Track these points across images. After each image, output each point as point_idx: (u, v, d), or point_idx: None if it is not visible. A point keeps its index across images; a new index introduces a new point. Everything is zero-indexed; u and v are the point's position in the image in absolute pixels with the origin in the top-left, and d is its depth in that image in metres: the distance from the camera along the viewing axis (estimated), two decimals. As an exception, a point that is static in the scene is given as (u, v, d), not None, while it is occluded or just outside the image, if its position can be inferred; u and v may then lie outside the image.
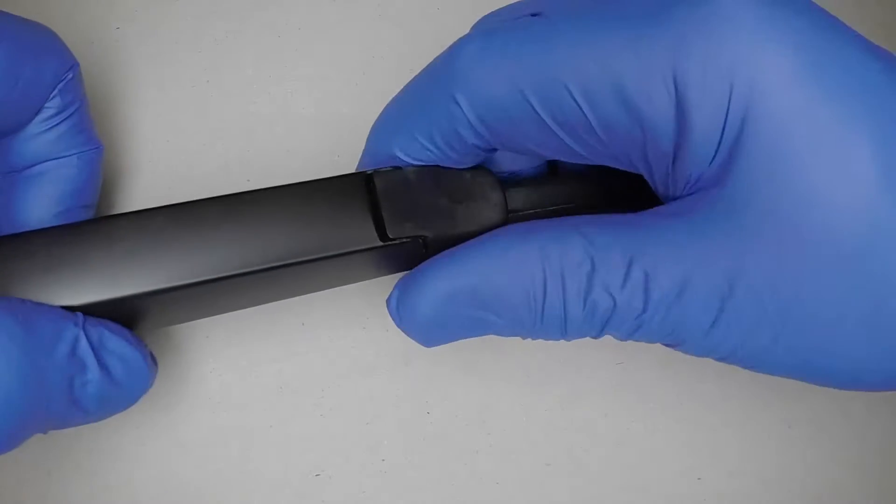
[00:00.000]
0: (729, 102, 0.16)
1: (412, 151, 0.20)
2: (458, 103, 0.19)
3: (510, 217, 0.21)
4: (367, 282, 0.26)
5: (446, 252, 0.20)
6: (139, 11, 0.28)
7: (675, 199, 0.18)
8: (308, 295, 0.25)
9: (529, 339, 0.20)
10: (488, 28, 0.19)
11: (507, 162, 0.22)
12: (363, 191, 0.20)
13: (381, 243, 0.20)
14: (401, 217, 0.20)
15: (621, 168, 0.19)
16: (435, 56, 0.20)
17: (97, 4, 0.28)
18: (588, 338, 0.19)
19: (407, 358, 0.25)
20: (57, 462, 0.24)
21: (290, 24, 0.28)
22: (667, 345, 0.19)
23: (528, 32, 0.18)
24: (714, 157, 0.17)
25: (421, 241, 0.20)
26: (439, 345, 0.21)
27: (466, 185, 0.21)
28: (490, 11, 0.22)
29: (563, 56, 0.17)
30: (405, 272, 0.21)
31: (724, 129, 0.16)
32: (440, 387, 0.25)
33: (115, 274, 0.18)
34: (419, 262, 0.20)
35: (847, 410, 0.26)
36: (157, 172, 0.26)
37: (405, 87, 0.21)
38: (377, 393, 0.25)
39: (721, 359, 0.19)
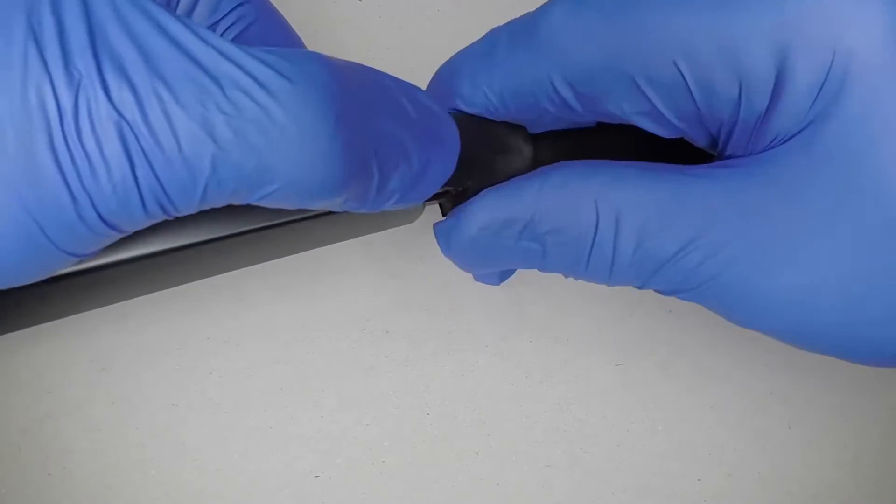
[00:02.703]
0: (832, 61, 0.16)
1: (475, 103, 0.20)
2: (544, 66, 0.18)
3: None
4: (367, 283, 0.26)
5: (500, 184, 0.19)
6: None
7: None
8: (308, 296, 0.25)
9: (571, 280, 0.19)
10: None
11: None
12: None
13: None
14: None
15: (696, 138, 0.19)
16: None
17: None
18: (632, 286, 0.19)
19: (407, 358, 0.25)
20: (57, 462, 0.24)
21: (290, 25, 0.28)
22: (710, 307, 0.18)
23: None
24: (807, 114, 0.17)
25: (461, 190, 0.20)
26: (481, 271, 0.21)
27: (502, 136, 0.20)
28: None
29: (665, 16, 0.17)
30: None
31: (822, 87, 0.16)
32: (440, 387, 0.25)
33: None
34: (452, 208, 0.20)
35: (846, 411, 0.26)
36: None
37: (483, 38, 0.20)
38: (377, 393, 0.25)
39: (769, 331, 0.18)
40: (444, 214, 0.21)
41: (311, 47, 0.28)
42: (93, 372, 0.24)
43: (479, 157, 0.20)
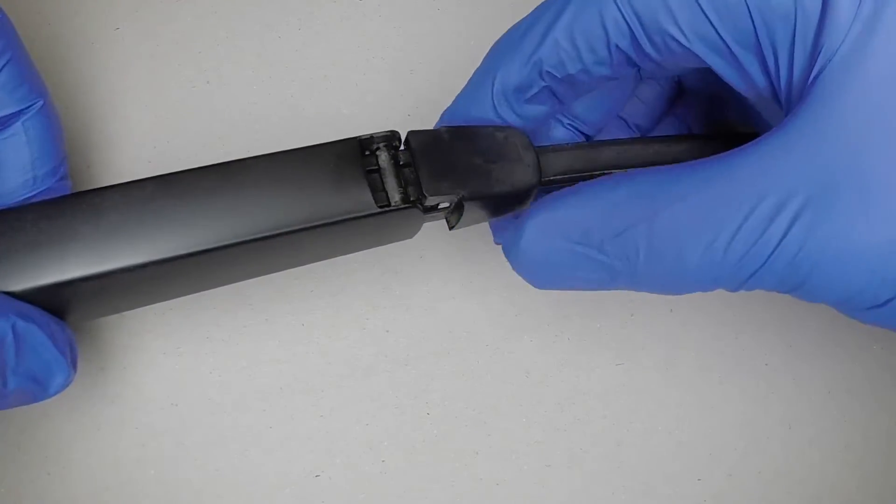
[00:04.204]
0: None
1: (547, 60, 0.20)
2: (614, 1, 0.18)
3: (543, 180, 0.21)
4: (367, 283, 0.26)
5: (556, 193, 0.20)
6: (139, 11, 0.28)
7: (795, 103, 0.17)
8: (308, 295, 0.25)
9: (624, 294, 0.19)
10: None
11: (543, 136, 0.22)
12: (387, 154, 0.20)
13: (420, 209, 0.20)
14: (437, 175, 0.20)
15: (755, 78, 0.18)
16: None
17: (97, 4, 0.28)
18: (699, 293, 0.18)
19: (407, 358, 0.25)
20: (57, 462, 0.24)
21: (290, 25, 0.28)
22: (787, 290, 0.17)
23: None
24: (852, 26, 0.16)
25: (457, 199, 0.20)
26: (553, 288, 0.21)
27: (500, 145, 0.20)
28: None
29: None
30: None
31: None
32: (440, 387, 0.25)
33: (106, 247, 0.18)
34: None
35: (847, 411, 0.26)
36: (156, 173, 0.26)
37: (535, 9, 0.20)
38: (377, 393, 0.25)
39: (840, 300, 0.17)
40: (449, 228, 0.21)
41: (311, 47, 0.28)
42: (92, 372, 0.24)
43: (470, 167, 0.20)
